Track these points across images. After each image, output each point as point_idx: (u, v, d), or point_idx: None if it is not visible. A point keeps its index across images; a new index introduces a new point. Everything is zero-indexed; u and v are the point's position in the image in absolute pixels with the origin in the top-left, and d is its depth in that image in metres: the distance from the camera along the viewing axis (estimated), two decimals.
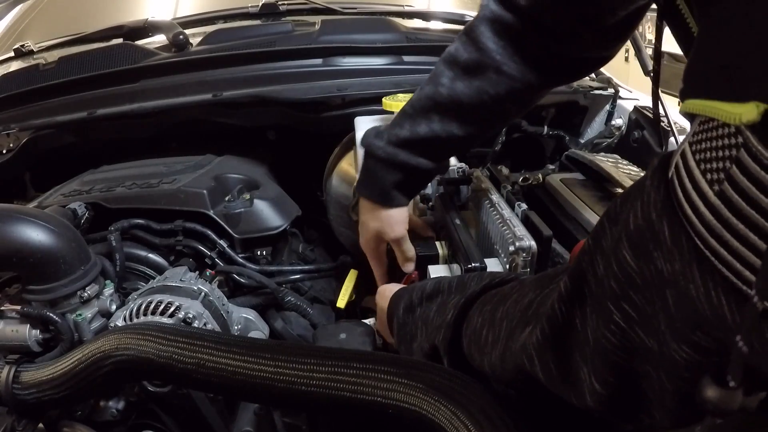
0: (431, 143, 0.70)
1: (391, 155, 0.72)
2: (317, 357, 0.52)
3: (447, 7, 1.77)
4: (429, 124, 0.69)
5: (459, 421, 0.44)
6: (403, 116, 0.72)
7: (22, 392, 0.59)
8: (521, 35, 0.63)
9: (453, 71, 0.67)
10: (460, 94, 0.66)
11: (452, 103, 0.67)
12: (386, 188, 0.75)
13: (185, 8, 1.65)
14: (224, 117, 1.10)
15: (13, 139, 1.12)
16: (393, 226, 0.78)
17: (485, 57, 0.64)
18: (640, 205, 0.32)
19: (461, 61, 0.66)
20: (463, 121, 0.68)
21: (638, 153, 1.06)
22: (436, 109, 0.68)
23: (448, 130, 0.69)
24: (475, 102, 0.66)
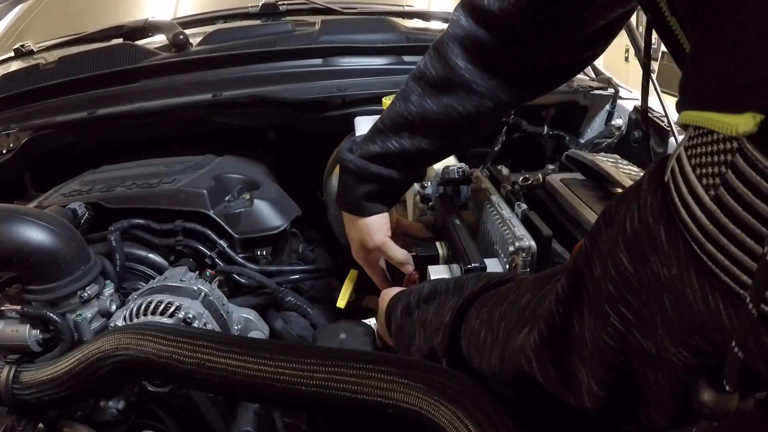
0: (401, 158, 0.72)
1: (361, 168, 0.73)
2: (317, 357, 0.52)
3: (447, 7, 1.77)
4: (399, 140, 0.70)
5: (459, 421, 0.44)
6: (375, 131, 0.73)
7: (22, 392, 0.59)
8: (494, 51, 0.62)
9: (422, 88, 0.68)
10: (429, 112, 0.67)
11: (422, 120, 0.68)
12: (359, 199, 0.77)
13: (185, 8, 1.65)
14: (224, 117, 1.10)
15: (13, 139, 1.12)
16: (372, 234, 0.79)
17: (454, 75, 0.64)
18: (636, 208, 0.32)
19: (430, 78, 0.67)
20: (433, 137, 0.70)
21: (638, 153, 1.06)
22: (405, 126, 0.70)
23: (417, 146, 0.70)
24: (443, 119, 0.67)
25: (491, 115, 0.68)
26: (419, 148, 0.70)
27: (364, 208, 0.78)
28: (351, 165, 0.74)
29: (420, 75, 0.68)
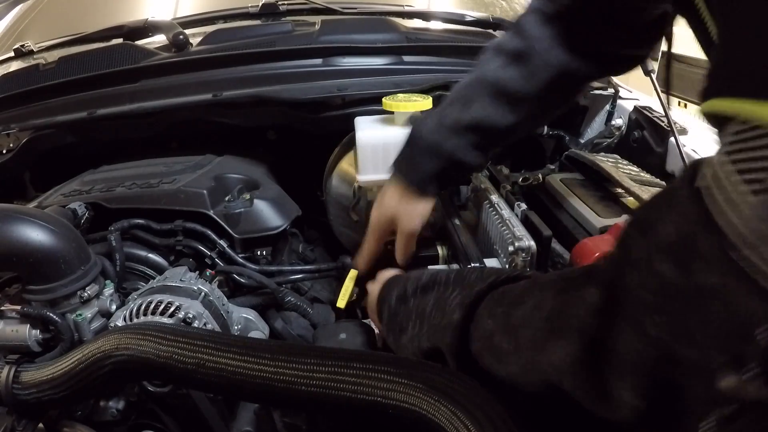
0: (479, 128, 0.70)
1: (438, 142, 0.71)
2: (317, 357, 0.52)
3: (447, 7, 1.77)
4: (475, 108, 0.70)
5: (459, 421, 0.44)
6: (450, 101, 0.72)
7: (22, 392, 0.59)
8: (563, 26, 0.66)
9: (500, 59, 0.69)
10: (507, 80, 0.68)
11: (499, 88, 0.69)
12: (425, 176, 0.74)
13: (185, 8, 1.65)
14: (224, 117, 1.09)
15: (13, 139, 1.12)
16: (413, 218, 0.76)
17: (530, 44, 0.67)
18: (674, 215, 0.31)
19: (508, 49, 0.69)
20: (509, 108, 0.69)
21: (638, 153, 1.06)
22: (483, 93, 0.70)
23: (493, 116, 0.70)
24: (520, 88, 0.68)
25: (564, 89, 0.70)
26: (494, 118, 0.70)
27: (426, 187, 0.75)
28: (429, 136, 0.72)
29: (498, 48, 0.70)
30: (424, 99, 0.87)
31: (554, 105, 0.73)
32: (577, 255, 0.74)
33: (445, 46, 1.15)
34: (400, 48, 1.14)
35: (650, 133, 1.05)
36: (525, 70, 0.68)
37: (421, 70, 1.11)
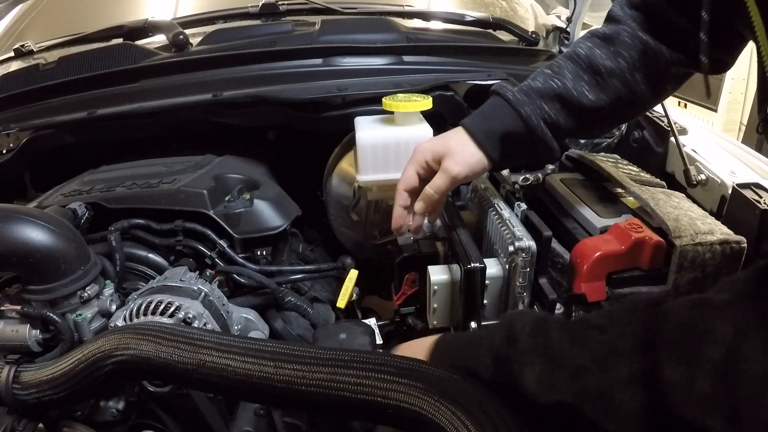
0: (561, 101, 0.72)
1: (519, 102, 0.72)
2: (317, 357, 0.52)
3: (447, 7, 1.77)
4: (562, 78, 0.71)
5: (459, 421, 0.44)
6: (537, 73, 0.74)
7: (22, 392, 0.59)
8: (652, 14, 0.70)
9: (591, 41, 0.73)
10: (597, 56, 0.71)
11: (588, 63, 0.71)
12: (496, 131, 0.73)
13: (185, 8, 1.65)
14: (224, 117, 1.09)
15: (13, 139, 1.12)
16: (463, 162, 0.72)
17: (621, 25, 0.71)
18: None
19: (600, 32, 0.73)
20: (596, 83, 0.71)
21: (638, 153, 1.06)
22: (571, 68, 0.72)
23: (579, 89, 0.71)
24: (609, 64, 0.70)
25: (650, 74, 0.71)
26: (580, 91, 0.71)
27: (494, 144, 0.73)
28: (510, 94, 0.73)
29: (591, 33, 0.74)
30: (424, 99, 0.87)
31: (641, 89, 0.72)
32: (577, 255, 0.74)
33: (445, 46, 1.15)
34: (400, 48, 1.14)
35: (650, 133, 1.05)
36: (613, 47, 0.71)
37: (421, 70, 1.11)
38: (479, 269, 0.74)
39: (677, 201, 0.80)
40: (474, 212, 0.95)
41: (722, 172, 0.85)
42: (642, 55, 0.70)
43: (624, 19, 0.71)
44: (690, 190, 0.90)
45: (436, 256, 0.86)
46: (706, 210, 0.81)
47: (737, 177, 0.83)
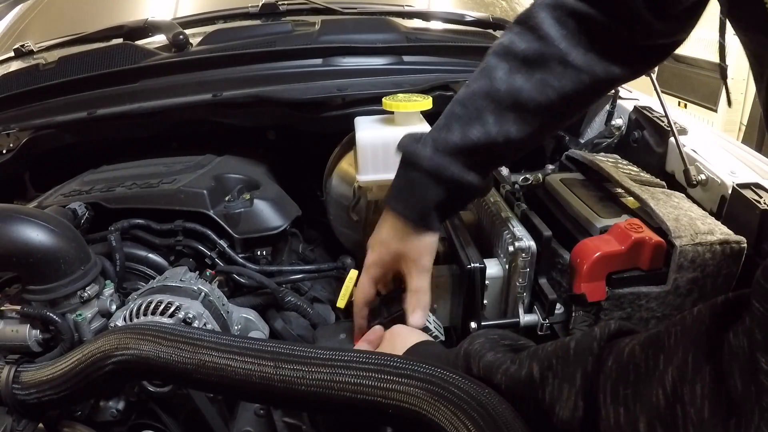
0: (485, 150, 0.62)
1: (439, 168, 0.62)
2: (317, 357, 0.52)
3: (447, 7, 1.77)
4: (483, 125, 0.61)
5: (459, 421, 0.44)
6: (450, 118, 0.63)
7: (22, 392, 0.59)
8: (588, 21, 0.58)
9: (509, 63, 0.60)
10: (520, 89, 0.59)
11: (510, 100, 0.60)
12: (427, 207, 0.65)
13: (185, 8, 1.65)
14: (224, 117, 1.09)
15: (13, 139, 1.12)
16: (423, 255, 0.67)
17: (548, 46, 0.58)
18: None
19: (519, 51, 0.60)
20: (522, 120, 0.61)
21: (638, 153, 1.06)
22: (491, 108, 0.60)
23: (505, 133, 0.61)
24: (536, 97, 0.59)
25: (585, 95, 0.61)
26: (506, 134, 0.60)
27: (430, 220, 0.65)
28: (425, 163, 0.62)
29: (505, 50, 0.61)
30: (424, 99, 0.87)
31: (572, 112, 0.65)
32: (577, 255, 0.74)
33: (445, 46, 1.15)
34: (400, 48, 1.14)
35: (650, 133, 1.05)
36: (542, 75, 0.59)
37: (421, 70, 1.11)
38: (479, 269, 0.74)
39: (677, 201, 0.80)
40: (474, 212, 0.95)
41: (722, 172, 0.85)
42: (575, 83, 0.59)
43: (551, 37, 0.58)
44: (690, 190, 0.90)
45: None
46: (706, 210, 0.81)
47: (737, 177, 0.83)
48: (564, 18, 0.58)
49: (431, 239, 0.68)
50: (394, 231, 0.68)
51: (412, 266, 0.68)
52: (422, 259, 0.68)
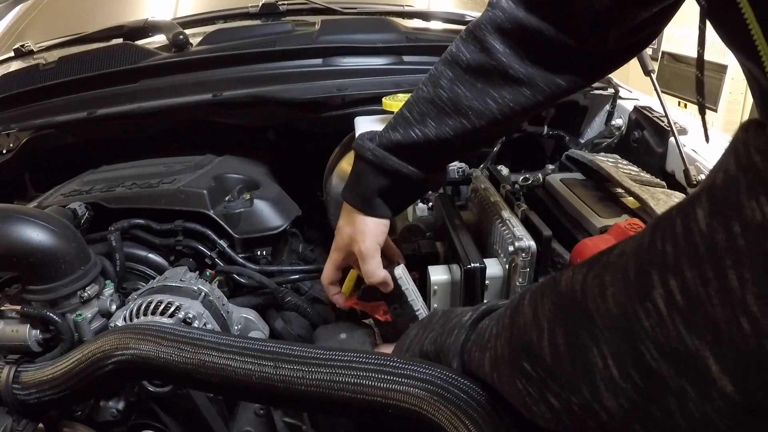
0: (424, 148, 0.66)
1: (380, 159, 0.68)
2: (317, 357, 0.52)
3: (447, 7, 1.77)
4: (423, 128, 0.65)
5: (459, 421, 0.44)
6: (398, 119, 0.68)
7: (22, 392, 0.59)
8: (537, 35, 0.59)
9: (454, 73, 0.63)
10: (461, 97, 0.63)
11: (452, 106, 0.63)
12: (369, 194, 0.71)
13: (185, 8, 1.65)
14: (224, 117, 1.10)
15: (13, 139, 1.12)
16: (365, 236, 0.72)
17: (490, 58, 0.61)
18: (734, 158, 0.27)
19: (463, 61, 0.63)
20: (461, 126, 0.64)
21: (638, 153, 1.06)
22: (432, 112, 0.65)
23: (442, 136, 0.65)
24: (476, 106, 0.63)
25: (528, 105, 0.63)
26: (443, 138, 0.64)
27: (373, 206, 0.72)
28: (368, 154, 0.69)
29: (452, 59, 0.64)
30: None
31: (512, 121, 0.66)
32: (577, 255, 0.74)
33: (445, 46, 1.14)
34: (400, 48, 1.14)
35: (650, 133, 1.05)
36: (482, 85, 0.62)
37: (421, 70, 1.11)
38: (479, 269, 0.74)
39: (677, 201, 0.80)
40: (474, 212, 0.95)
41: None
42: (514, 95, 0.62)
43: (494, 50, 0.60)
44: (690, 190, 0.90)
45: (436, 256, 0.86)
46: None
47: None
48: (510, 31, 0.60)
49: (376, 224, 0.73)
50: (346, 218, 0.75)
51: (357, 249, 0.73)
52: (366, 241, 0.72)
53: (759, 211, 0.25)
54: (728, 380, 0.26)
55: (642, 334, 0.29)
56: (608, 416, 0.33)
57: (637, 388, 0.30)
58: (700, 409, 0.28)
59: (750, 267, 0.25)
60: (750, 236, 0.25)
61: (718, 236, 0.26)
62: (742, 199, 0.25)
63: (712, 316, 0.26)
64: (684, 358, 0.28)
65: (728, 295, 0.26)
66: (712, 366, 0.26)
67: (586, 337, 0.33)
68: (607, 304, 0.32)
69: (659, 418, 0.30)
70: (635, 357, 0.30)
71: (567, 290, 0.36)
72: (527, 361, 0.39)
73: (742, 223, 0.25)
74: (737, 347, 0.25)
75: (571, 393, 0.35)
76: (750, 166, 0.26)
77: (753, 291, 0.25)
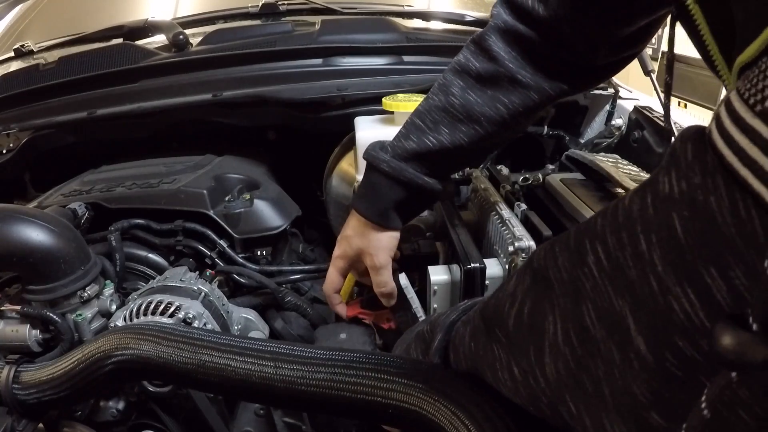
0: (439, 156, 0.68)
1: (396, 171, 0.68)
2: (317, 357, 0.52)
3: (447, 7, 1.77)
4: (437, 135, 0.67)
5: (459, 421, 0.44)
6: (409, 127, 0.69)
7: (22, 392, 0.59)
8: (535, 46, 0.63)
9: (464, 81, 0.66)
10: (473, 104, 0.65)
11: (464, 113, 0.66)
12: (384, 206, 0.71)
13: (185, 8, 1.65)
14: (224, 117, 1.10)
15: (13, 139, 1.12)
16: (380, 250, 0.73)
17: (499, 66, 0.64)
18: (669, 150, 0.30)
19: (473, 71, 0.66)
20: (474, 132, 0.67)
21: (638, 153, 1.06)
22: (446, 120, 0.67)
23: (457, 142, 0.67)
24: (487, 112, 0.65)
25: (536, 108, 0.67)
26: (458, 144, 0.67)
27: (389, 218, 0.72)
28: (384, 166, 0.69)
29: (461, 68, 0.67)
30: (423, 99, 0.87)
31: (521, 124, 0.70)
32: None
33: (445, 46, 1.15)
34: (400, 48, 1.14)
35: (650, 133, 1.05)
36: (493, 92, 0.65)
37: (421, 70, 1.11)
38: (479, 269, 0.74)
39: None
40: (474, 212, 0.95)
41: None
42: (523, 99, 0.65)
43: (501, 58, 0.64)
44: None
45: (436, 256, 0.86)
46: None
47: None
48: (513, 42, 0.64)
49: (390, 237, 0.74)
50: (356, 229, 0.74)
51: (371, 262, 0.74)
52: (380, 254, 0.73)
53: (668, 184, 0.28)
54: (642, 340, 0.28)
55: (585, 295, 0.32)
56: (545, 383, 0.35)
57: (574, 353, 0.33)
58: (622, 375, 0.30)
59: (657, 232, 0.28)
60: (659, 205, 0.28)
61: (635, 206, 0.30)
62: (659, 176, 0.29)
63: (629, 277, 0.29)
64: (612, 318, 0.30)
65: (640, 259, 0.28)
66: (631, 325, 0.29)
67: (546, 306, 0.36)
68: (560, 272, 0.35)
69: (588, 389, 0.32)
70: (577, 319, 0.33)
71: (537, 265, 0.38)
72: (497, 327, 0.41)
73: (653, 195, 0.29)
74: (648, 305, 0.28)
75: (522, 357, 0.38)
76: (672, 152, 0.29)
77: (658, 253, 0.27)
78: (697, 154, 0.26)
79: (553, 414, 0.36)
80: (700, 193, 0.25)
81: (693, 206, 0.26)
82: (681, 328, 0.26)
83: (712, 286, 0.25)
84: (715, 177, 0.25)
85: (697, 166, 0.26)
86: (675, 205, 0.27)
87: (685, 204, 0.26)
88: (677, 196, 0.27)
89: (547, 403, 0.36)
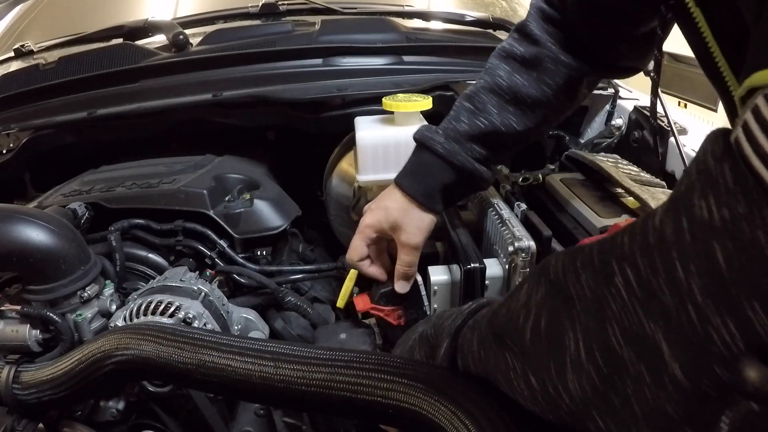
0: (491, 137, 0.70)
1: (450, 153, 0.70)
2: (317, 357, 0.52)
3: (447, 7, 1.77)
4: (488, 116, 0.70)
5: (459, 421, 0.44)
6: (459, 110, 0.72)
7: (22, 392, 0.59)
8: (567, 31, 0.68)
9: (510, 65, 0.70)
10: (520, 86, 0.69)
11: (512, 95, 0.69)
12: (433, 187, 0.71)
13: (185, 8, 1.65)
14: (224, 117, 1.09)
15: (13, 139, 1.12)
16: (418, 230, 0.73)
17: (542, 48, 0.68)
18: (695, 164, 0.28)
19: (518, 55, 0.69)
20: (522, 113, 0.70)
21: (638, 153, 1.06)
22: (493, 100, 0.70)
23: (507, 123, 0.70)
24: (533, 93, 0.69)
25: (576, 89, 0.71)
26: (508, 125, 0.70)
27: (435, 200, 0.72)
28: (439, 147, 0.70)
29: (506, 54, 0.71)
30: (424, 99, 0.87)
31: (565, 107, 0.74)
32: None
33: (445, 46, 1.15)
34: (400, 48, 1.14)
35: (650, 133, 1.05)
36: (538, 74, 0.69)
37: (421, 70, 1.11)
38: (479, 269, 0.74)
39: None
40: (474, 212, 0.95)
41: None
42: (566, 79, 0.69)
43: (543, 41, 0.68)
44: None
45: (436, 256, 0.86)
46: None
47: None
48: (551, 27, 0.69)
49: (429, 220, 0.74)
50: (398, 202, 0.73)
51: (405, 239, 0.73)
52: (416, 236, 0.73)
53: (707, 210, 0.26)
54: (678, 365, 0.27)
55: (610, 315, 0.31)
56: (569, 398, 0.35)
57: (600, 372, 0.32)
58: (654, 396, 0.29)
59: (696, 261, 0.26)
60: (697, 233, 0.27)
61: (667, 229, 0.28)
62: (694, 199, 0.27)
63: (664, 303, 0.28)
64: (643, 342, 0.29)
65: (677, 286, 0.27)
66: (665, 351, 0.28)
67: (566, 321, 0.35)
68: (583, 289, 0.34)
69: (616, 406, 0.31)
70: (602, 338, 0.32)
71: (555, 278, 0.37)
72: (509, 338, 0.41)
73: (689, 219, 0.27)
74: (685, 333, 0.27)
75: (541, 369, 0.37)
76: (705, 169, 0.27)
77: (697, 282, 0.26)
78: (738, 180, 0.25)
79: (575, 423, 0.36)
80: (746, 225, 0.24)
81: (738, 238, 0.25)
82: (719, 357, 0.26)
83: (754, 320, 0.24)
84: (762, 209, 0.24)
85: (739, 194, 0.25)
86: (717, 234, 0.25)
87: (728, 235, 0.25)
88: (719, 225, 0.25)
89: (567, 412, 0.35)
